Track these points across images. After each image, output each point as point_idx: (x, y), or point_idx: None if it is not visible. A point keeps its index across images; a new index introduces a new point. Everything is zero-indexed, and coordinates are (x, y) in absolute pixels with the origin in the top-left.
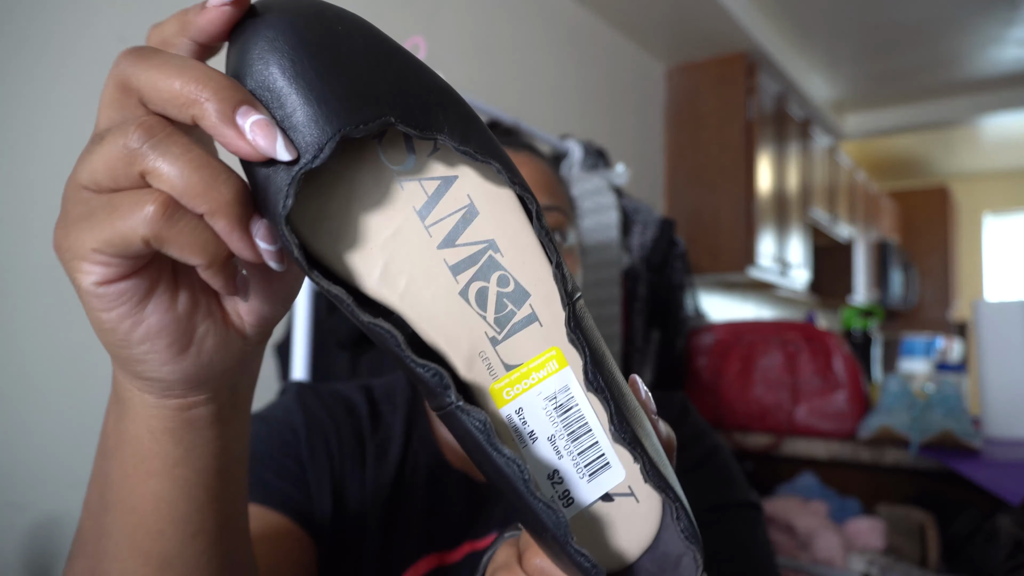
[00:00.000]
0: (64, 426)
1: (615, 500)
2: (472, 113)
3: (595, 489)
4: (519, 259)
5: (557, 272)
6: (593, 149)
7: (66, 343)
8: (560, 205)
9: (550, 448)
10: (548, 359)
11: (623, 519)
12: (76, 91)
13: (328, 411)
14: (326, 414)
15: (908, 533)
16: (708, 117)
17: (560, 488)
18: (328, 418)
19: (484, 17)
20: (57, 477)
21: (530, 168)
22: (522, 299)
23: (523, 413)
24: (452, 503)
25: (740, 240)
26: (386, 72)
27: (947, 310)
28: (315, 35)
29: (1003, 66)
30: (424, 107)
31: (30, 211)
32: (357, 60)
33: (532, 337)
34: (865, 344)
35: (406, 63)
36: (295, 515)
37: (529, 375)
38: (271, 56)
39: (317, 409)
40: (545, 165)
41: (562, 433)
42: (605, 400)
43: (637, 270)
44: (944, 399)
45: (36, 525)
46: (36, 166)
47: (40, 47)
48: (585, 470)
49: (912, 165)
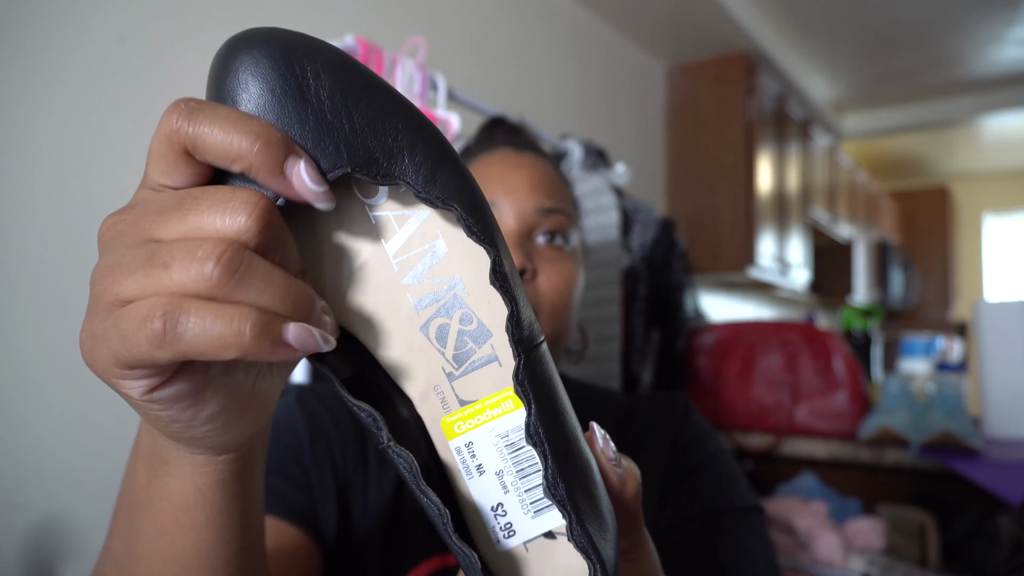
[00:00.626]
0: (64, 426)
1: (557, 539)
2: (445, 151)
3: (538, 526)
4: (484, 299)
5: (509, 324)
6: (593, 149)
7: (66, 343)
8: (562, 207)
9: (497, 482)
10: (504, 398)
11: (557, 560)
12: (77, 91)
13: (330, 414)
14: (328, 418)
15: (908, 533)
16: (708, 117)
17: (503, 520)
18: (330, 422)
19: (484, 17)
20: (57, 477)
21: (533, 170)
22: (484, 338)
23: (472, 447)
24: None
25: (740, 240)
26: (352, 115)
27: (947, 310)
28: (281, 79)
29: (1003, 66)
30: (388, 152)
31: (30, 211)
32: (322, 104)
33: (490, 376)
34: (865, 344)
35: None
36: (302, 523)
37: (483, 411)
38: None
39: (319, 413)
40: (548, 166)
41: (511, 469)
42: (543, 455)
43: (637, 270)
44: (944, 399)
45: (36, 525)
46: (37, 166)
47: (40, 47)
48: (531, 507)
49: (912, 165)
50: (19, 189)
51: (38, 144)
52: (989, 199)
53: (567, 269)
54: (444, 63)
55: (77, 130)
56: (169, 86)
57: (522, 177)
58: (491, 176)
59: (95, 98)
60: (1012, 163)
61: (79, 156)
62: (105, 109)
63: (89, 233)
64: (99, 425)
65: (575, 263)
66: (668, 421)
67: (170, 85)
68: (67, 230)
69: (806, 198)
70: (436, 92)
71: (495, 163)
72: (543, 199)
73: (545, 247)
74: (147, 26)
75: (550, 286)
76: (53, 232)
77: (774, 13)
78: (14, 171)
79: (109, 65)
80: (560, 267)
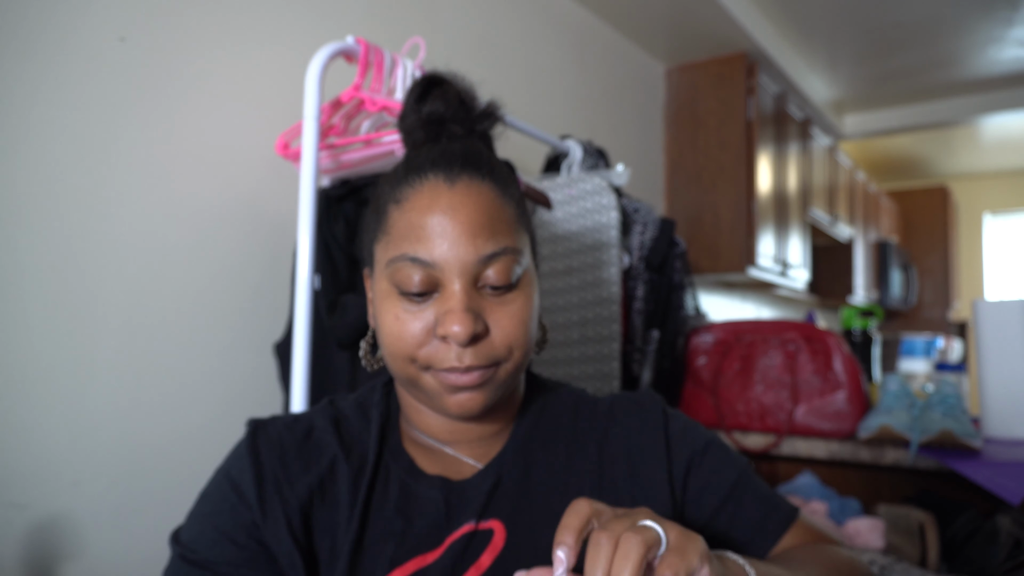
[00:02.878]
0: (64, 426)
1: None
2: None
3: None
4: None
5: None
6: (593, 149)
7: (66, 343)
8: (506, 243)
9: None
10: None
11: None
12: (78, 91)
13: (280, 451)
14: (276, 458)
15: (908, 533)
16: (708, 117)
17: None
18: (279, 463)
19: (484, 17)
20: (57, 477)
21: (469, 208)
22: None
23: None
24: (429, 507)
25: (740, 240)
26: None
27: (947, 310)
28: None
29: (1003, 66)
30: None
31: (31, 211)
32: None
33: None
34: (865, 344)
35: None
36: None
37: None
38: None
39: (268, 456)
40: (485, 186)
41: None
42: None
43: (637, 270)
44: (944, 399)
45: (36, 525)
46: (38, 166)
47: (41, 48)
48: None
49: (912, 165)
50: (21, 188)
51: (39, 144)
52: (989, 199)
53: (517, 309)
54: (444, 63)
55: (78, 129)
56: (169, 85)
57: (458, 224)
58: (424, 226)
59: (96, 98)
60: (1012, 163)
61: (80, 155)
62: (106, 108)
63: (90, 232)
64: (99, 425)
65: (527, 289)
66: (651, 417)
67: (170, 84)
68: (68, 229)
69: (806, 198)
70: None
71: (427, 204)
72: (483, 245)
73: (493, 295)
74: (147, 26)
75: (504, 336)
76: (54, 231)
77: (774, 13)
78: (16, 170)
79: (110, 65)
80: (511, 309)
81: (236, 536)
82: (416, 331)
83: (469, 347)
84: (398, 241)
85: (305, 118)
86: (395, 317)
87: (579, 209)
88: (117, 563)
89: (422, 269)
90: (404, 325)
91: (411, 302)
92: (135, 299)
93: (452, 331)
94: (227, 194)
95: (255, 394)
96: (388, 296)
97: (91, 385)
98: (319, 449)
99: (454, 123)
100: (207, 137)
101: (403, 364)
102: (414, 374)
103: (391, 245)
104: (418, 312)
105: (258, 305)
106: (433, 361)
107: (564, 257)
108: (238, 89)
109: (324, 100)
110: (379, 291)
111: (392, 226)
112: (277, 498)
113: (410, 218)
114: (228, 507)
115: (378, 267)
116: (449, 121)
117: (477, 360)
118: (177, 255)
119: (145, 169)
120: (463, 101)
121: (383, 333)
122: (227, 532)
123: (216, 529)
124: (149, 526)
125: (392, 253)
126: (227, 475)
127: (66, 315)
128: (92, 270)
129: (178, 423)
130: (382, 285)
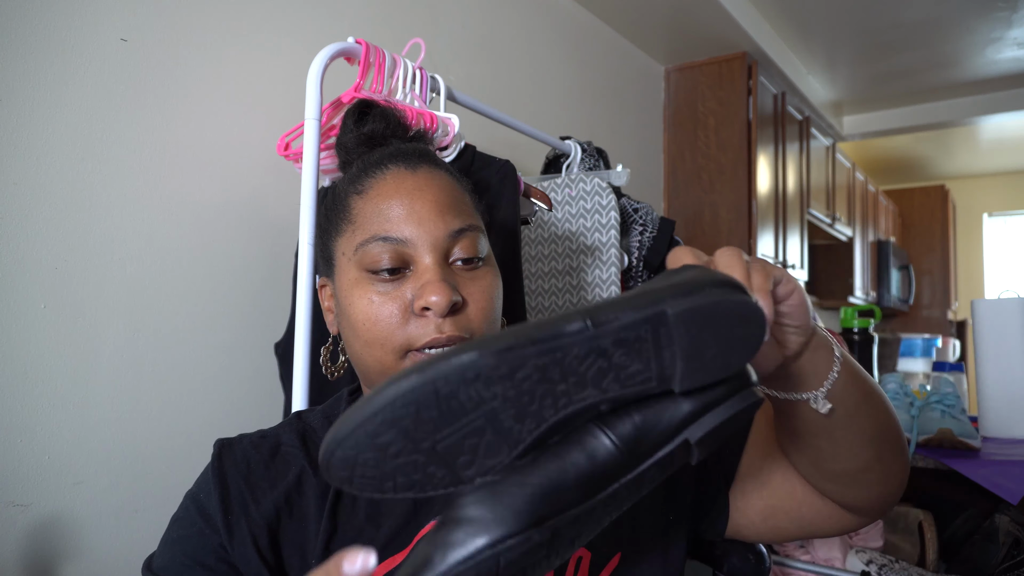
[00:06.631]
0: (65, 426)
1: None
2: None
3: None
4: None
5: None
6: (593, 149)
7: (68, 343)
8: (470, 221)
9: None
10: None
11: None
12: (79, 92)
13: (246, 471)
14: (242, 478)
15: (907, 532)
16: (707, 117)
17: None
18: (244, 483)
19: (485, 18)
20: (58, 477)
21: (434, 189)
22: None
23: None
24: (398, 508)
25: (739, 240)
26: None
27: (945, 310)
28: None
29: (1002, 67)
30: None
31: (33, 211)
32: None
33: None
34: (864, 343)
35: None
36: None
37: None
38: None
39: (233, 477)
40: (443, 172)
41: None
42: None
43: (637, 270)
44: (942, 398)
45: (37, 525)
46: (39, 166)
47: (43, 48)
48: None
49: (910, 166)
50: (22, 188)
51: (40, 144)
52: (987, 200)
53: (487, 284)
54: (444, 64)
55: (80, 128)
56: (171, 85)
57: (425, 203)
58: (393, 208)
59: (97, 98)
60: (1010, 164)
61: (82, 154)
62: (107, 108)
63: (91, 232)
64: (100, 425)
65: (491, 268)
66: None
67: (172, 84)
68: (70, 229)
69: (805, 198)
70: (437, 93)
71: (391, 189)
72: (452, 221)
73: (463, 269)
74: (149, 27)
75: (478, 309)
76: (55, 231)
77: (773, 14)
78: (17, 170)
79: (111, 65)
80: (482, 284)
81: (205, 560)
82: (393, 311)
83: (448, 317)
84: (365, 226)
85: (306, 119)
86: (369, 301)
87: (579, 209)
88: (118, 563)
89: (393, 247)
90: (380, 307)
91: (384, 282)
92: (136, 299)
93: (431, 300)
94: (228, 194)
95: (256, 394)
96: (358, 284)
97: (92, 385)
98: (286, 464)
99: (394, 139)
100: (208, 138)
101: (380, 352)
102: (391, 364)
103: (357, 232)
104: (393, 292)
105: (259, 305)
106: (412, 338)
107: (564, 257)
108: (239, 90)
109: (325, 101)
110: (347, 283)
111: (357, 215)
112: (243, 519)
113: (376, 203)
114: (196, 531)
115: (343, 259)
116: (390, 137)
117: (456, 330)
118: (178, 255)
119: (146, 169)
120: (399, 120)
121: (357, 323)
122: (197, 557)
123: (186, 555)
124: (150, 526)
125: (360, 238)
126: (194, 499)
127: (67, 315)
128: (93, 270)
129: (179, 423)
130: (350, 275)
